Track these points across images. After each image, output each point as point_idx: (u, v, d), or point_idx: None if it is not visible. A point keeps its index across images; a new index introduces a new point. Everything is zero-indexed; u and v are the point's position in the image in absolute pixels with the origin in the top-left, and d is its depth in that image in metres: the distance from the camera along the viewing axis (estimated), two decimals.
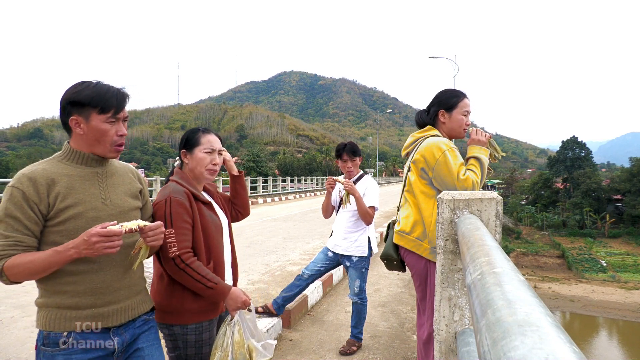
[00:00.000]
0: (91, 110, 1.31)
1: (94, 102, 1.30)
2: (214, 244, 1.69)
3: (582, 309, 26.85)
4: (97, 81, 1.36)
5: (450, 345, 1.30)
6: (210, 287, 1.57)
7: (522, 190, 64.25)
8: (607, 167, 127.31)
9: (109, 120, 1.33)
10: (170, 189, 1.63)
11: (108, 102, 1.32)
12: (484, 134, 2.17)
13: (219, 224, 1.75)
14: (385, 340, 3.55)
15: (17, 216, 1.23)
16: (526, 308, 0.44)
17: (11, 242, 1.22)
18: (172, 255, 1.53)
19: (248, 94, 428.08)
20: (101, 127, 1.33)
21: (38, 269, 1.22)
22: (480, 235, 0.89)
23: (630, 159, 50.21)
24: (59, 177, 1.31)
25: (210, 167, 1.74)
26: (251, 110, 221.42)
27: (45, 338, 1.29)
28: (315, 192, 28.54)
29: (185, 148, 1.75)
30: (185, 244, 1.57)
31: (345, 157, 3.17)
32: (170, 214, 1.56)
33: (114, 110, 1.33)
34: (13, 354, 3.07)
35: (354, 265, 3.19)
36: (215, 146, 1.76)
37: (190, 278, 1.54)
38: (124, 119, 1.39)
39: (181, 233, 1.57)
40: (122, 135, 1.38)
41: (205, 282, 1.56)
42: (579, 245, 42.19)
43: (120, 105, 1.35)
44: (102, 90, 1.33)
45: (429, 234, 2.09)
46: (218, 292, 1.60)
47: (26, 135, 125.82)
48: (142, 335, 1.48)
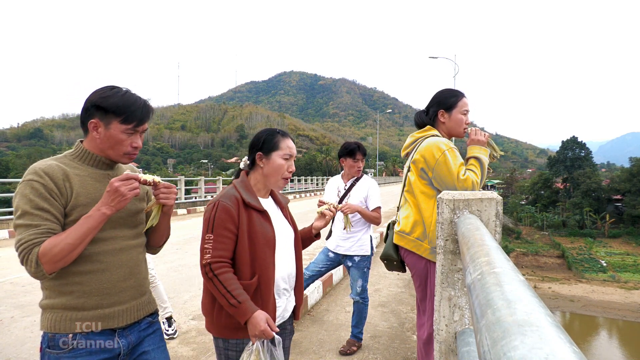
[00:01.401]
0: (114, 118, 1.30)
1: (119, 111, 1.30)
2: (260, 257, 1.54)
3: (582, 309, 26.85)
4: (126, 89, 1.36)
5: (450, 345, 1.30)
6: (232, 305, 1.46)
7: (522, 190, 64.26)
8: (607, 167, 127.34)
9: (127, 131, 1.33)
10: (223, 193, 1.57)
11: (133, 114, 1.31)
12: (483, 133, 2.18)
13: (271, 236, 1.60)
14: (385, 340, 3.55)
15: (44, 207, 1.22)
16: (526, 308, 0.44)
17: (44, 229, 1.20)
18: (204, 262, 1.48)
19: (248, 94, 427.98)
20: (119, 136, 1.32)
21: (75, 242, 1.20)
22: (480, 235, 0.89)
23: (630, 159, 50.24)
24: (72, 175, 1.30)
25: (286, 174, 1.64)
26: (251, 110, 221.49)
27: (50, 340, 1.27)
28: (315, 192, 28.54)
29: (262, 151, 1.63)
30: (221, 252, 1.49)
31: (358, 157, 3.18)
32: (213, 218, 1.50)
33: (136, 122, 1.33)
34: (13, 354, 3.07)
35: (356, 265, 3.19)
36: (294, 152, 1.67)
37: (216, 289, 1.47)
38: (142, 131, 1.39)
39: (220, 241, 1.49)
40: (136, 147, 1.37)
41: (229, 297, 1.45)
42: (579, 245, 42.19)
43: (143, 118, 1.35)
44: (130, 100, 1.32)
45: (429, 234, 2.09)
46: (239, 312, 1.47)
47: (26, 135, 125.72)
48: (147, 338, 1.46)
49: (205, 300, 1.60)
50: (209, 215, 1.51)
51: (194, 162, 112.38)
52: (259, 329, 1.47)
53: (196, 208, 15.35)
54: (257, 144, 1.65)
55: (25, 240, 1.18)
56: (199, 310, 4.16)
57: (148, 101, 1.40)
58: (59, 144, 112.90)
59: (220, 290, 1.46)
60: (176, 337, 3.42)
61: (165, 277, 5.34)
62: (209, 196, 18.72)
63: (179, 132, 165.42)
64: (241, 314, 1.46)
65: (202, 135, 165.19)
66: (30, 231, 1.19)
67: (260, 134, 1.66)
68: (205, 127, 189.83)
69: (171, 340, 3.35)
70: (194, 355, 3.11)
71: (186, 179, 17.62)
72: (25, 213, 1.20)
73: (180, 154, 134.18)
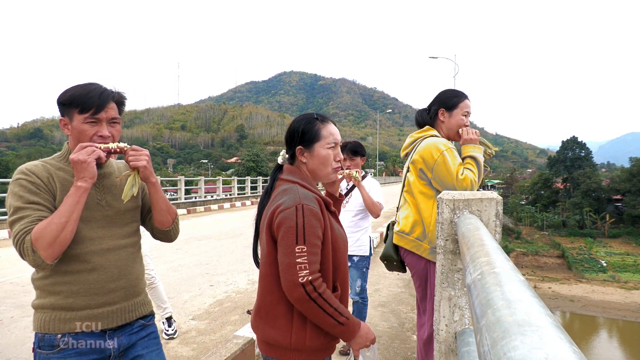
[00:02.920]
0: (73, 109, 1.30)
1: (76, 101, 1.29)
2: (342, 263, 1.38)
3: (582, 309, 26.85)
4: (90, 83, 1.35)
5: (450, 345, 1.30)
6: (341, 323, 1.25)
7: (522, 190, 64.26)
8: (607, 167, 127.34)
9: (87, 120, 1.30)
10: (298, 193, 1.29)
11: (88, 101, 1.29)
12: (473, 131, 2.18)
13: (345, 239, 1.44)
14: (385, 340, 3.55)
15: (34, 200, 1.23)
16: (526, 308, 0.44)
17: (34, 218, 1.21)
18: (303, 281, 1.20)
19: (248, 94, 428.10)
20: (80, 127, 1.31)
21: (62, 220, 1.20)
22: (480, 235, 0.89)
23: (630, 159, 50.25)
24: (56, 174, 1.31)
25: (334, 164, 1.43)
26: (251, 110, 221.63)
27: (40, 340, 1.28)
28: None
29: (302, 144, 1.40)
30: (317, 266, 1.25)
31: (344, 156, 3.15)
32: (303, 225, 1.23)
33: (93, 110, 1.30)
34: (13, 354, 3.07)
35: (355, 265, 3.19)
36: (338, 138, 1.43)
37: (320, 310, 1.22)
38: (110, 120, 1.35)
39: (313, 252, 1.24)
40: (102, 136, 1.33)
41: (337, 316, 1.25)
42: (579, 245, 42.19)
43: (101, 105, 1.31)
44: (86, 90, 1.31)
45: (429, 234, 2.09)
46: (349, 328, 1.27)
47: (26, 135, 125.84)
48: (140, 342, 1.44)
49: (276, 325, 1.31)
50: (296, 222, 1.23)
51: (194, 162, 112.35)
52: (370, 339, 1.34)
53: (196, 208, 15.35)
54: (294, 137, 1.41)
55: (18, 231, 1.19)
56: (198, 310, 4.16)
57: (112, 89, 1.37)
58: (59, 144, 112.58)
59: (327, 310, 1.23)
60: (176, 337, 3.42)
61: (165, 277, 5.34)
62: (208, 196, 18.71)
63: (179, 132, 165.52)
64: (350, 331, 1.28)
65: (202, 135, 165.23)
66: (22, 222, 1.20)
67: (297, 124, 1.42)
68: (205, 127, 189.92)
69: (171, 340, 3.35)
70: (194, 355, 3.10)
71: (186, 179, 17.63)
72: (17, 209, 1.22)
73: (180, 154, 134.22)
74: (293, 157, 1.44)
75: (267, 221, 1.31)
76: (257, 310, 1.38)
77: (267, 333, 1.33)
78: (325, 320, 1.24)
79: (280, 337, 1.29)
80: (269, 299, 1.33)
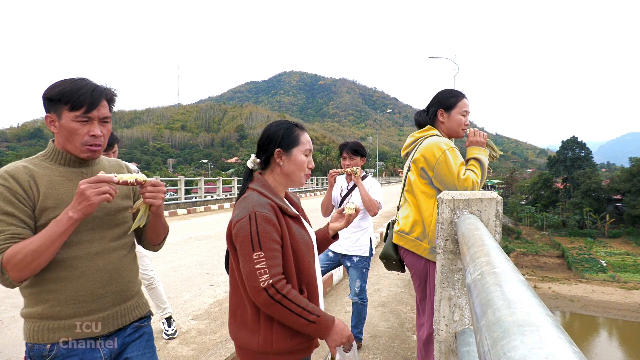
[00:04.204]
0: (63, 106, 1.22)
1: (65, 98, 1.21)
2: (305, 267, 1.39)
3: (582, 309, 26.85)
4: (79, 78, 1.27)
5: (450, 345, 1.30)
6: (312, 322, 1.26)
7: (522, 190, 64.26)
8: (607, 167, 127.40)
9: (78, 119, 1.22)
10: (252, 202, 1.32)
11: (79, 99, 1.21)
12: (482, 134, 2.18)
13: (309, 243, 1.45)
14: (385, 340, 3.55)
15: (9, 211, 1.15)
16: (526, 308, 0.44)
17: (7, 235, 1.14)
18: (265, 285, 1.23)
19: (248, 94, 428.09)
20: (70, 125, 1.22)
21: (40, 248, 1.12)
22: (480, 235, 0.89)
23: (630, 159, 50.21)
24: (40, 176, 1.23)
25: (307, 171, 1.48)
26: (251, 110, 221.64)
27: (30, 350, 1.23)
28: (315, 192, 28.53)
29: (281, 147, 1.44)
30: (277, 269, 1.27)
31: (344, 155, 3.16)
32: (257, 232, 1.26)
33: (85, 108, 1.22)
34: (13, 354, 3.07)
35: (355, 265, 3.19)
36: (312, 147, 1.51)
37: (287, 311, 1.24)
38: (102, 119, 1.27)
39: (272, 256, 1.26)
40: (94, 135, 1.25)
41: (307, 315, 1.25)
42: (579, 245, 42.19)
43: (93, 103, 1.23)
44: (76, 86, 1.23)
45: (429, 234, 2.09)
46: (321, 326, 1.28)
47: (26, 135, 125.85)
48: (132, 344, 1.39)
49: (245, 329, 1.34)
50: (249, 231, 1.26)
51: (194, 162, 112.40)
52: (346, 335, 1.33)
53: (196, 208, 15.35)
54: (273, 140, 1.44)
55: None
56: (198, 310, 4.16)
57: (104, 85, 1.30)
58: None
59: (294, 310, 1.25)
60: (176, 337, 3.42)
61: (165, 277, 5.35)
62: (208, 196, 18.71)
63: (179, 132, 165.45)
64: (323, 328, 1.29)
65: (202, 135, 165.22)
66: None
67: (276, 129, 1.45)
68: (205, 127, 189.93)
69: (171, 340, 3.35)
70: (194, 355, 3.10)
71: (186, 179, 17.62)
72: None
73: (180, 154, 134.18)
74: (267, 162, 1.47)
75: (227, 231, 1.35)
76: (231, 313, 1.42)
77: (239, 335, 1.36)
78: (295, 320, 1.26)
79: (249, 340, 1.32)
80: (237, 302, 1.37)
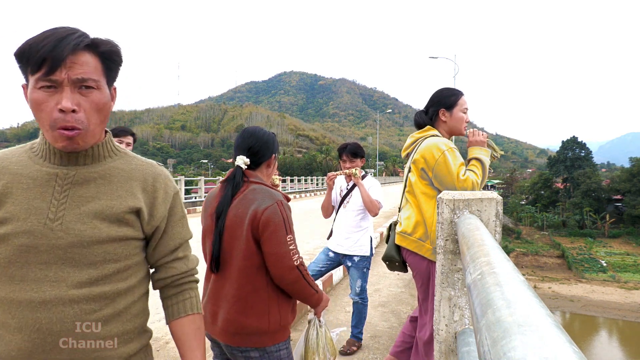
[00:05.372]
0: (27, 70, 0.83)
1: (25, 55, 0.81)
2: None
3: (582, 309, 26.85)
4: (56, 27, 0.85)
5: (450, 345, 1.30)
6: (317, 291, 1.53)
7: (522, 190, 64.27)
8: (607, 167, 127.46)
9: (41, 83, 0.81)
10: (271, 192, 1.46)
11: (39, 53, 0.79)
12: (482, 134, 2.18)
13: None
14: (385, 340, 3.55)
15: None
16: (526, 308, 0.44)
17: None
18: (297, 264, 1.42)
19: (248, 94, 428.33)
20: (32, 96, 0.82)
21: None
22: (480, 235, 0.90)
23: (630, 159, 50.23)
24: (3, 174, 0.87)
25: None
26: (251, 110, 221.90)
27: None
28: (315, 192, 28.54)
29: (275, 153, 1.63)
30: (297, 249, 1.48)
31: (344, 158, 3.17)
32: (288, 218, 1.44)
33: (46, 67, 0.79)
34: None
35: (356, 265, 3.19)
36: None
37: (307, 285, 1.47)
38: (76, 82, 0.82)
39: (295, 239, 1.46)
40: (63, 110, 0.80)
41: (316, 287, 1.52)
42: (579, 245, 42.18)
43: (57, 57, 0.79)
44: (42, 36, 0.81)
45: (431, 234, 2.08)
46: (321, 296, 1.57)
47: (26, 135, 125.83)
48: None
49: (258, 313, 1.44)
50: (281, 217, 1.41)
51: (194, 162, 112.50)
52: (327, 300, 1.63)
53: (196, 208, 15.34)
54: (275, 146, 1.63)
55: None
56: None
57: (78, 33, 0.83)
58: None
59: (310, 284, 1.48)
60: None
61: None
62: None
63: (179, 132, 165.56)
64: (321, 297, 1.57)
65: (202, 135, 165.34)
66: None
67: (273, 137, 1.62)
68: (205, 127, 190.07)
69: (171, 341, 3.35)
70: None
71: (186, 179, 17.64)
72: None
73: (180, 154, 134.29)
74: (259, 164, 1.56)
75: (248, 221, 1.40)
76: (239, 305, 1.44)
77: (246, 324, 1.41)
78: (309, 292, 1.48)
79: (258, 323, 1.41)
80: (248, 288, 1.43)
